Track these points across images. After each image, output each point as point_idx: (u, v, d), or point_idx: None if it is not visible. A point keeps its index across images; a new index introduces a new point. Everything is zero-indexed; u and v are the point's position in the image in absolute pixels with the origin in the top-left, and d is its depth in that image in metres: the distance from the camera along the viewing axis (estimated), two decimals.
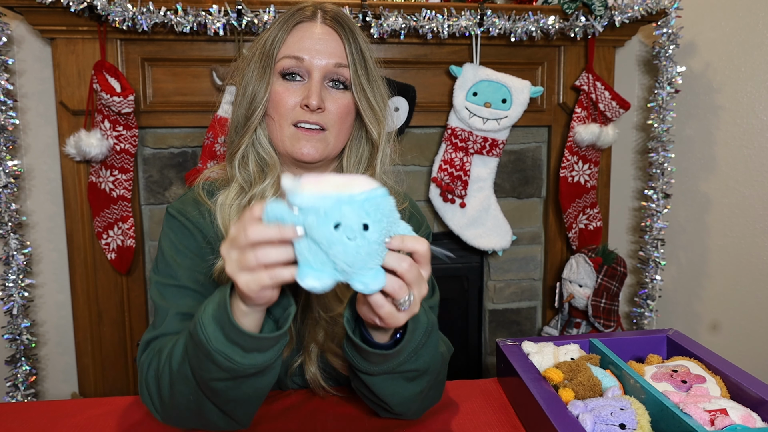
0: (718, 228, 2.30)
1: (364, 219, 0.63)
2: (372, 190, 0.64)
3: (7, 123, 1.83)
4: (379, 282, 0.66)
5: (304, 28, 0.97)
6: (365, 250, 0.63)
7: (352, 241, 0.62)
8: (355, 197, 0.63)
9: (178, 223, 1.00)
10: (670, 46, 2.09)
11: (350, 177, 0.67)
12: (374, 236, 0.63)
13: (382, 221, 0.64)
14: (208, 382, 0.78)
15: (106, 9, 1.73)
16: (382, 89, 1.01)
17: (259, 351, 0.76)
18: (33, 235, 2.04)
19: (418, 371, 0.86)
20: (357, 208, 0.63)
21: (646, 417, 0.83)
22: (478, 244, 2.12)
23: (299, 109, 0.95)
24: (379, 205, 0.64)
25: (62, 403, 1.05)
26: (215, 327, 0.74)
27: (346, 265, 0.63)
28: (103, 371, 2.04)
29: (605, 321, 2.06)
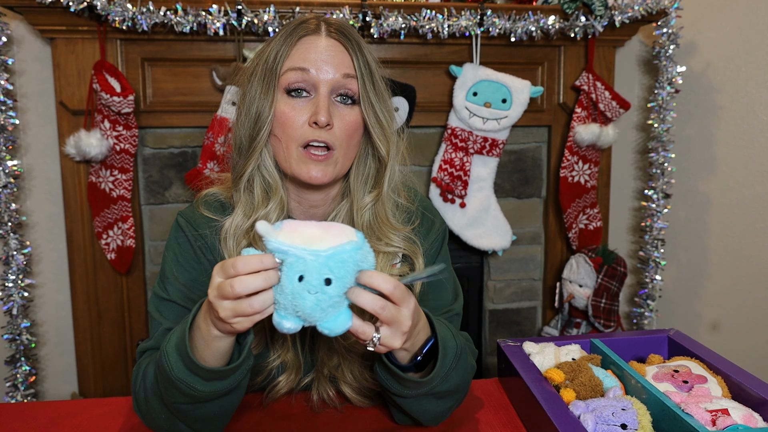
0: (718, 228, 2.30)
1: (327, 274, 0.65)
2: (339, 246, 0.66)
3: (7, 123, 1.83)
4: (342, 325, 0.69)
5: (309, 42, 0.92)
6: (325, 304, 0.66)
7: (312, 294, 0.65)
8: (320, 253, 0.65)
9: (185, 239, 0.99)
10: (670, 46, 2.09)
11: (328, 227, 0.69)
12: (335, 290, 0.66)
13: (346, 276, 0.67)
14: (174, 404, 0.82)
15: (106, 9, 1.73)
16: (389, 103, 0.96)
17: (219, 379, 0.79)
18: (33, 235, 2.04)
19: (449, 391, 0.88)
20: (320, 264, 0.65)
21: (648, 417, 0.83)
22: (478, 244, 2.12)
23: (307, 127, 0.90)
24: (345, 261, 0.66)
25: (62, 403, 1.05)
26: (177, 356, 0.78)
27: (307, 315, 0.67)
28: (102, 371, 2.04)
29: (605, 321, 2.06)
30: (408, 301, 0.75)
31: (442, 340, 0.84)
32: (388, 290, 0.72)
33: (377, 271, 0.72)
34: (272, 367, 0.98)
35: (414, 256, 0.99)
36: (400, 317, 0.74)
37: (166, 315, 0.95)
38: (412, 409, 0.89)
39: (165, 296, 0.96)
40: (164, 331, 0.93)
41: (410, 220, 1.03)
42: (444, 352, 0.83)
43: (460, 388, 0.90)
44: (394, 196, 1.01)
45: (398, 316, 0.73)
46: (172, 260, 0.98)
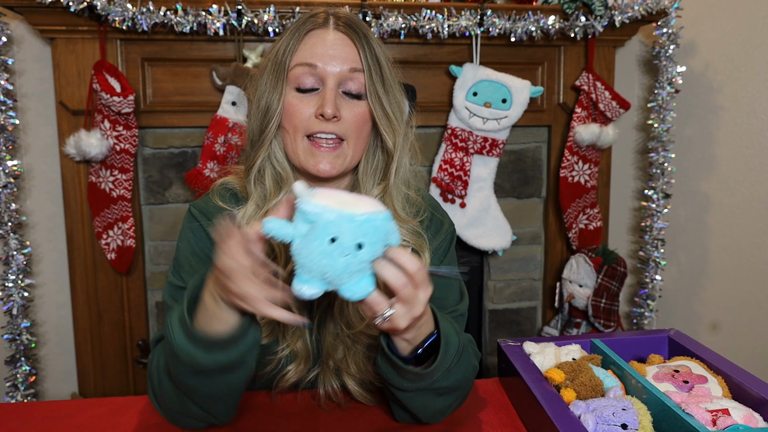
0: (718, 228, 2.30)
1: (360, 239, 0.66)
2: (374, 213, 0.68)
3: (7, 123, 1.83)
4: (364, 291, 0.70)
5: (317, 35, 0.93)
6: (354, 267, 0.67)
7: (343, 257, 0.66)
8: (355, 217, 0.66)
9: (198, 226, 0.99)
10: (670, 46, 2.09)
11: (359, 197, 0.71)
12: (366, 256, 0.67)
13: (377, 243, 0.68)
14: (180, 377, 0.82)
15: (106, 9, 1.73)
16: (398, 96, 0.97)
17: (220, 350, 0.78)
18: (33, 235, 2.04)
19: (450, 388, 0.88)
20: (355, 227, 0.66)
21: (648, 417, 0.83)
22: (478, 244, 2.12)
23: (314, 119, 0.92)
24: (378, 229, 0.68)
25: (62, 403, 1.05)
26: (179, 327, 0.79)
27: (334, 278, 0.67)
28: (103, 371, 2.04)
29: (605, 321, 2.06)
30: (426, 287, 0.75)
31: (445, 336, 0.84)
32: (413, 270, 0.72)
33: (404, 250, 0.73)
34: (281, 357, 0.98)
35: (420, 250, 1.00)
36: (415, 299, 0.74)
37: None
38: (412, 404, 0.89)
39: (182, 285, 0.97)
40: None
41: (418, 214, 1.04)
42: (446, 347, 0.83)
43: (461, 386, 0.91)
44: (404, 189, 1.01)
45: (414, 298, 0.74)
46: (187, 250, 0.99)
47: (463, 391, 0.94)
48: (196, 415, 0.88)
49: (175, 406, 0.88)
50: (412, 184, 1.05)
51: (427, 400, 0.89)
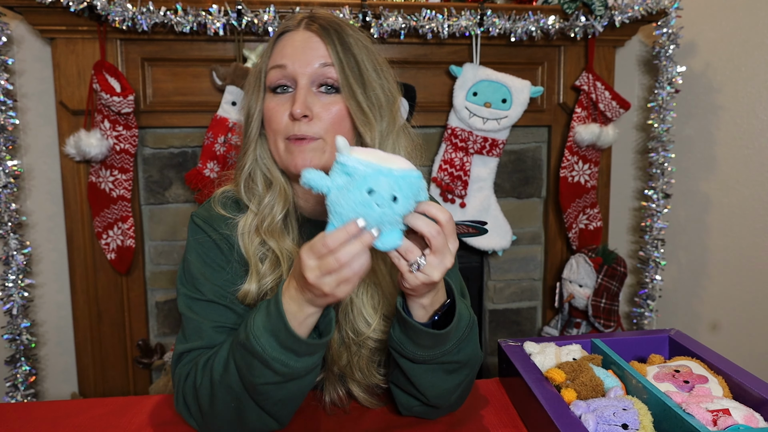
0: (718, 228, 2.30)
1: (395, 192, 0.71)
2: (409, 170, 0.73)
3: (7, 123, 1.83)
4: (394, 242, 0.74)
5: (287, 37, 0.95)
6: (388, 218, 0.72)
7: (379, 207, 0.70)
8: (393, 171, 0.71)
9: (206, 237, 0.99)
10: (670, 46, 2.09)
11: (394, 156, 0.75)
12: (400, 208, 0.72)
13: (410, 198, 0.72)
14: (259, 386, 0.82)
15: (106, 9, 1.73)
16: (378, 90, 0.95)
17: (310, 354, 0.82)
18: (33, 235, 2.04)
19: (459, 363, 0.90)
20: (392, 181, 0.71)
21: (649, 417, 0.83)
22: (478, 244, 2.12)
23: (289, 121, 0.92)
24: (412, 184, 0.72)
25: (62, 403, 1.05)
26: (269, 336, 0.80)
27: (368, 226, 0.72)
28: (103, 371, 2.04)
29: (605, 321, 2.06)
30: (455, 239, 0.79)
31: (459, 307, 0.86)
32: (444, 220, 0.76)
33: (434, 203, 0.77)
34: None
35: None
36: (446, 249, 0.78)
37: (206, 315, 0.95)
38: (421, 381, 0.90)
39: (200, 297, 0.96)
40: (212, 329, 0.94)
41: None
42: (459, 316, 0.86)
43: (470, 363, 0.92)
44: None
45: (445, 247, 0.77)
46: (198, 261, 0.98)
47: (471, 372, 0.94)
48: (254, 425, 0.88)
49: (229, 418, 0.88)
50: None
51: (437, 378, 0.90)
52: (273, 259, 0.96)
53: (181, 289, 0.98)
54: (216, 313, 0.95)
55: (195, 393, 0.89)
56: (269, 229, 0.96)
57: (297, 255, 0.78)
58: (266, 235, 0.96)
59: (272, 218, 0.96)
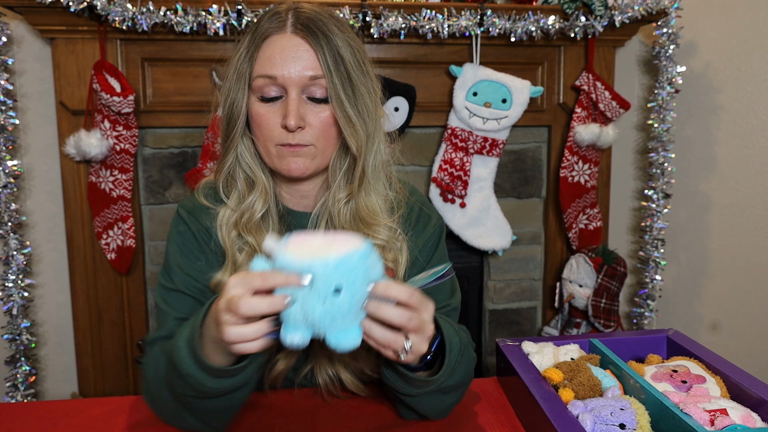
0: (718, 228, 2.30)
1: (336, 282, 0.66)
2: (348, 253, 0.67)
3: (7, 123, 1.83)
4: (351, 341, 0.69)
5: (274, 42, 0.91)
6: (336, 312, 0.66)
7: (322, 303, 0.65)
8: (328, 261, 0.66)
9: (186, 228, 1.01)
10: (670, 46, 2.09)
11: (334, 237, 0.71)
12: (346, 299, 0.66)
13: (356, 282, 0.67)
14: (182, 395, 0.84)
15: (106, 9, 1.73)
16: (366, 97, 0.94)
17: (227, 377, 0.80)
18: (33, 235, 2.04)
19: (455, 385, 0.90)
20: (329, 272, 0.66)
21: (646, 417, 0.83)
22: (478, 244, 2.12)
23: (281, 130, 0.92)
24: (354, 268, 0.67)
25: (62, 403, 1.05)
26: (187, 351, 0.79)
27: (317, 324, 0.67)
28: (103, 371, 2.04)
29: (605, 321, 2.06)
30: (427, 304, 0.77)
31: (448, 337, 0.86)
32: (406, 299, 0.73)
33: (391, 282, 0.72)
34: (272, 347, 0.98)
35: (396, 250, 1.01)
36: (424, 323, 0.76)
37: (174, 305, 0.97)
38: (420, 406, 0.91)
39: (172, 287, 0.98)
40: (175, 320, 0.95)
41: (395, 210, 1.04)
42: (450, 348, 0.85)
43: (465, 381, 0.93)
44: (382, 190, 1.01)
45: (422, 323, 0.75)
46: (175, 251, 1.00)
47: (467, 385, 0.96)
48: (192, 425, 0.90)
49: (171, 414, 0.91)
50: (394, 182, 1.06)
51: (435, 400, 0.90)
52: (250, 252, 0.97)
53: (159, 279, 1.01)
54: (182, 305, 0.97)
55: (147, 383, 0.92)
56: (247, 226, 0.97)
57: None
58: (244, 231, 0.97)
59: (251, 215, 0.98)
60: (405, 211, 1.05)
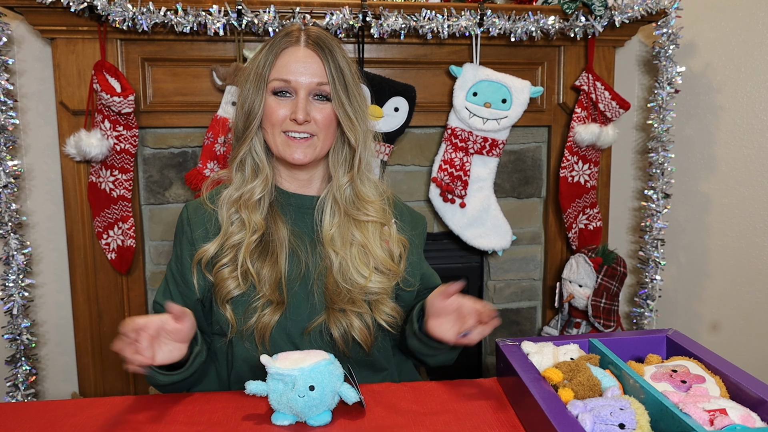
0: (718, 228, 2.30)
1: (310, 382, 0.93)
2: (318, 362, 0.95)
3: (7, 123, 1.83)
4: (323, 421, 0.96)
5: (290, 53, 1.14)
6: (311, 403, 0.93)
7: (301, 398, 0.92)
8: (304, 368, 0.94)
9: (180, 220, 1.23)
10: (670, 46, 2.09)
11: (308, 353, 0.98)
12: (318, 393, 0.93)
13: (324, 381, 0.94)
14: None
15: (106, 9, 1.73)
16: (359, 99, 1.17)
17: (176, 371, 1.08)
18: (33, 235, 2.04)
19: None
20: (305, 376, 0.93)
21: (646, 417, 0.83)
22: (478, 244, 2.12)
23: (288, 120, 1.13)
24: (322, 372, 0.95)
25: (62, 403, 1.05)
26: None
27: (300, 413, 0.94)
28: (103, 371, 2.04)
29: (605, 321, 2.06)
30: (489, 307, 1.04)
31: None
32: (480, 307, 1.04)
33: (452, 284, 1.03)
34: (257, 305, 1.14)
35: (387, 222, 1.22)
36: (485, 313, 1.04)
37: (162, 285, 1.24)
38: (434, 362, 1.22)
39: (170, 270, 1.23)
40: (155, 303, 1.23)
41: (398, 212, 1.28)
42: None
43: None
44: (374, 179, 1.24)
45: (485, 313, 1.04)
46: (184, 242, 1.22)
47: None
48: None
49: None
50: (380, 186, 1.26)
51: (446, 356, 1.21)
52: (240, 224, 1.17)
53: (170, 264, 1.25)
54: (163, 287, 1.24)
55: None
56: (244, 203, 1.17)
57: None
58: (241, 208, 1.17)
59: (250, 195, 1.17)
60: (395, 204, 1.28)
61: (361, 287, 1.15)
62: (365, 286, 1.15)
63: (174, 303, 1.02)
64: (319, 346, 1.14)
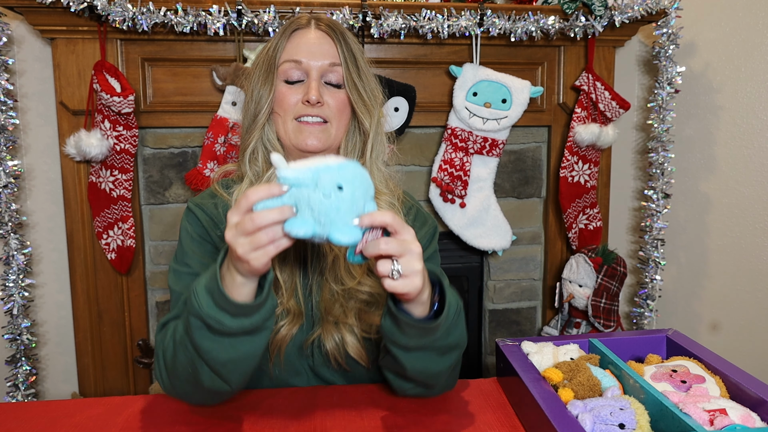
0: (718, 228, 2.30)
1: (338, 181, 0.75)
2: (345, 161, 0.78)
3: (7, 123, 1.83)
4: (351, 237, 0.77)
5: (301, 35, 1.09)
6: (339, 206, 0.75)
7: (327, 198, 0.74)
8: (330, 165, 0.76)
9: (193, 216, 1.10)
10: (670, 46, 2.09)
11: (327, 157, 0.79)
12: (347, 195, 0.75)
13: (354, 182, 0.76)
14: (203, 344, 0.86)
15: (106, 9, 1.73)
16: (373, 84, 1.11)
17: (245, 315, 0.84)
18: (33, 235, 2.04)
19: (450, 346, 0.95)
20: (332, 172, 0.75)
21: (646, 417, 0.83)
22: (478, 244, 2.12)
23: (301, 104, 1.06)
24: (352, 172, 0.77)
25: (62, 403, 1.05)
26: (206, 295, 0.84)
27: (323, 217, 0.75)
28: (103, 371, 2.04)
29: (605, 321, 2.06)
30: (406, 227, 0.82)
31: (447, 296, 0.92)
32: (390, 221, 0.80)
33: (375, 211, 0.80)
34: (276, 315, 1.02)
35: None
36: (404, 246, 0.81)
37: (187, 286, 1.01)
38: (414, 365, 0.94)
39: (186, 270, 1.05)
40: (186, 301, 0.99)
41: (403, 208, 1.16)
42: (448, 306, 0.91)
43: (460, 344, 0.98)
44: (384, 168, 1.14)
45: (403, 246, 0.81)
46: (187, 237, 1.08)
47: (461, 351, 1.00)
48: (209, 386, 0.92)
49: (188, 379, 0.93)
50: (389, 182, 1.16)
51: (429, 361, 0.95)
52: None
53: (171, 265, 1.08)
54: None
55: (164, 356, 0.95)
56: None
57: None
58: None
59: None
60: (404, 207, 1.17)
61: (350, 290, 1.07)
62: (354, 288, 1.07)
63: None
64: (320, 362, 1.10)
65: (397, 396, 1.03)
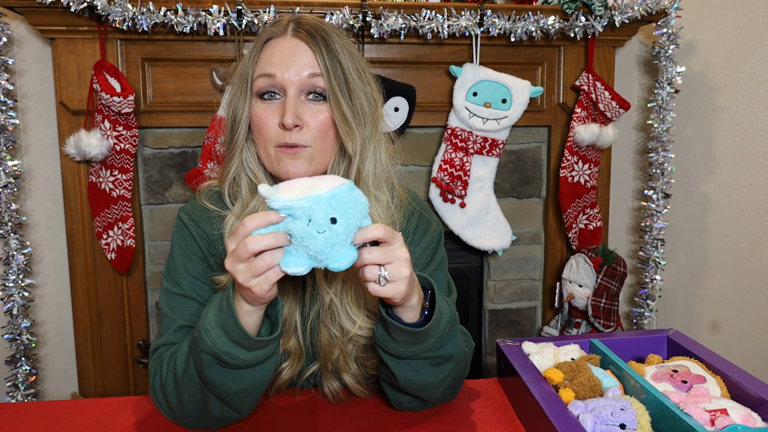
0: (718, 228, 2.30)
1: (332, 214, 0.72)
2: (336, 188, 0.73)
3: (7, 123, 1.83)
4: (348, 261, 0.75)
5: (275, 44, 0.94)
6: (334, 240, 0.72)
7: (321, 234, 0.71)
8: (321, 196, 0.72)
9: (187, 232, 1.03)
10: (670, 46, 2.09)
11: (320, 178, 0.76)
12: (342, 227, 0.72)
13: (348, 212, 0.73)
14: (214, 380, 0.85)
15: (106, 9, 1.73)
16: (362, 98, 0.96)
17: (260, 348, 0.83)
18: (33, 235, 2.04)
19: (443, 358, 0.91)
20: (324, 205, 0.72)
21: (647, 417, 0.83)
22: (478, 244, 2.12)
23: (279, 130, 0.93)
24: (344, 199, 0.73)
25: (62, 403, 1.05)
26: (219, 331, 0.82)
27: (319, 254, 0.73)
28: (103, 371, 2.04)
29: (605, 321, 2.06)
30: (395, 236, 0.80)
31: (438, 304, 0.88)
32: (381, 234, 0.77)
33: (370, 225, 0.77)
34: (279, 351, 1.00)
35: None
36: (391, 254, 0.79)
37: (179, 311, 0.99)
38: (406, 375, 0.91)
39: (178, 291, 1.00)
40: (178, 328, 0.97)
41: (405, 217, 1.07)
42: (439, 314, 0.87)
43: (454, 357, 0.93)
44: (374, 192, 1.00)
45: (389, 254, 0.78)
46: (180, 255, 1.02)
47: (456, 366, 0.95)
48: (218, 416, 0.91)
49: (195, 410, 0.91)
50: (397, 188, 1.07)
51: (422, 372, 0.91)
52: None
53: (164, 284, 1.02)
54: (188, 310, 0.99)
55: (162, 388, 0.92)
56: None
57: None
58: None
59: None
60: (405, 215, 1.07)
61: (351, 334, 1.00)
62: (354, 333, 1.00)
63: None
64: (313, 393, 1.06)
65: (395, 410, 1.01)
